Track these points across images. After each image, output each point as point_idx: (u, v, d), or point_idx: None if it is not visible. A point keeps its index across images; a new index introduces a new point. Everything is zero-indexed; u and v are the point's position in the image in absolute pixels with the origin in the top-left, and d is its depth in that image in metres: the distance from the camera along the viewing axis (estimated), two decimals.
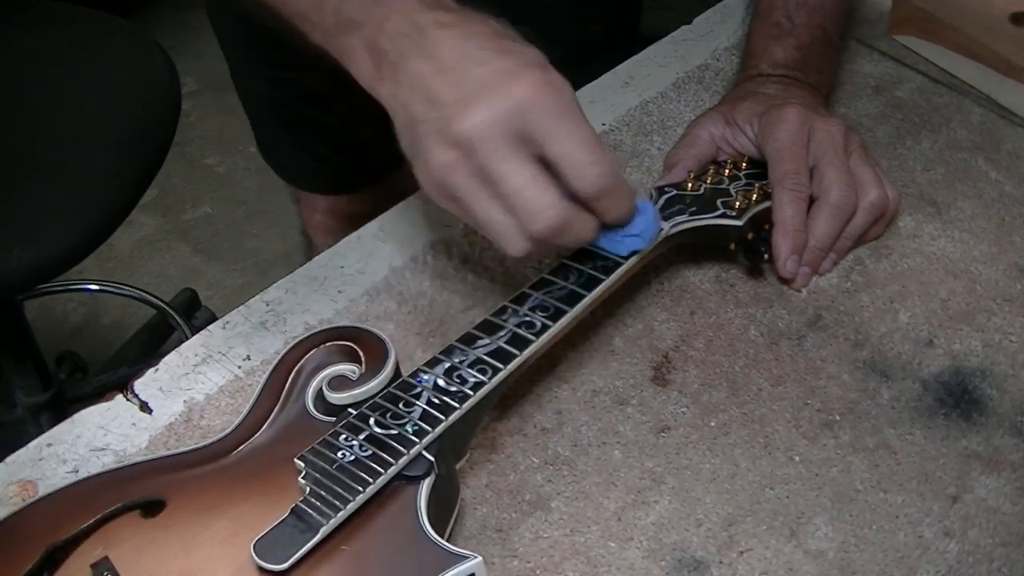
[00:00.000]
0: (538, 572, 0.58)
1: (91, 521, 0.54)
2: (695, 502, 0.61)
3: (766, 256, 0.73)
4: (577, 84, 0.91)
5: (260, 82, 1.12)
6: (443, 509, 0.57)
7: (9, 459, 0.64)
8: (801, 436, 0.65)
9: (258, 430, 0.60)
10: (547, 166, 0.58)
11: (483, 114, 0.56)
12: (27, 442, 0.65)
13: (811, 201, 0.74)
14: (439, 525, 0.55)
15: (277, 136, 1.18)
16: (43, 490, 0.62)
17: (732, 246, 0.74)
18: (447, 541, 0.54)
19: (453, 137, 0.57)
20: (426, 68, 0.58)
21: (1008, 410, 0.66)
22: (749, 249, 0.74)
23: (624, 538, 0.60)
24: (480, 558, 0.52)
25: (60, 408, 1.44)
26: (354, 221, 0.82)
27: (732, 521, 0.60)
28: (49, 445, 0.65)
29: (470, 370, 0.60)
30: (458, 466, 0.60)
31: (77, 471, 0.63)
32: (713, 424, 0.66)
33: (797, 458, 0.64)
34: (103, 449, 0.64)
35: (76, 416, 0.67)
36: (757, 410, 0.66)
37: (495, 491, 0.62)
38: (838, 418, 0.66)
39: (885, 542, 0.59)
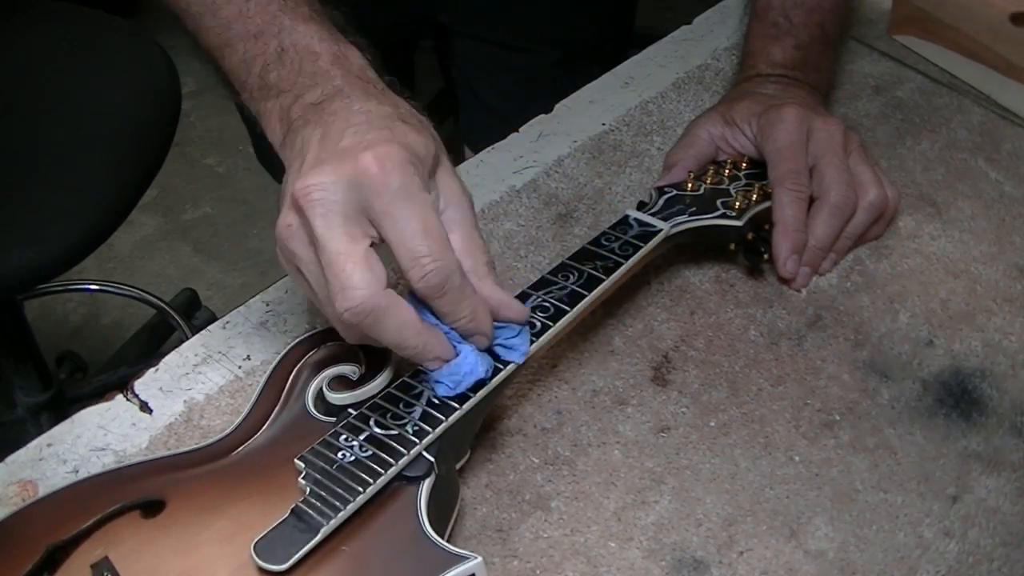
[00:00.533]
0: (538, 572, 0.58)
1: (91, 521, 0.54)
2: (695, 502, 0.61)
3: (766, 256, 0.73)
4: (573, 86, 0.91)
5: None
6: (443, 509, 0.57)
7: (9, 459, 0.64)
8: (801, 436, 0.65)
9: (258, 430, 0.60)
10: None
11: (322, 176, 0.54)
12: (27, 442, 0.65)
13: (811, 201, 0.74)
14: (439, 525, 0.55)
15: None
16: (43, 490, 0.62)
17: (732, 246, 0.74)
18: (447, 541, 0.54)
19: (293, 198, 0.55)
20: (312, 136, 0.57)
21: (1008, 410, 0.66)
22: (749, 249, 0.74)
23: (624, 538, 0.60)
24: (480, 558, 0.52)
25: (60, 408, 1.44)
26: None
27: (732, 521, 0.60)
28: (49, 445, 0.65)
29: None
30: (458, 466, 0.60)
31: (77, 471, 0.63)
32: (713, 424, 0.66)
33: (797, 458, 0.64)
34: (103, 449, 0.64)
35: (76, 416, 0.67)
36: (757, 410, 0.66)
37: (495, 491, 0.62)
38: (838, 418, 0.66)
39: (885, 542, 0.59)
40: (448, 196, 0.58)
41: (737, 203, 0.73)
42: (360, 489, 0.54)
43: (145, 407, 0.67)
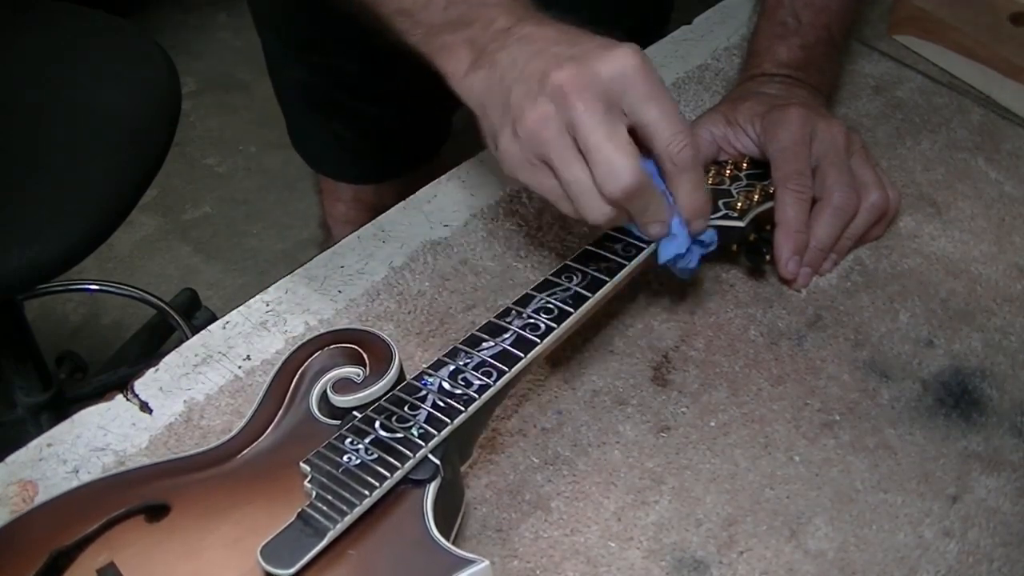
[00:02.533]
0: (538, 572, 0.58)
1: (96, 526, 0.54)
2: (695, 502, 0.61)
3: (768, 257, 0.73)
4: None
5: (296, 67, 1.13)
6: (449, 512, 0.57)
7: (9, 459, 0.64)
8: (801, 436, 0.65)
9: (262, 433, 0.59)
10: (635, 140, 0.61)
11: (582, 69, 0.59)
12: (27, 442, 0.65)
13: (812, 202, 0.74)
14: (445, 528, 0.55)
15: (309, 122, 1.19)
16: (43, 490, 0.62)
17: (734, 247, 0.74)
18: (452, 543, 0.54)
19: (550, 89, 0.59)
20: (525, 48, 0.62)
21: (1008, 410, 0.66)
22: (751, 250, 0.74)
23: (624, 538, 0.60)
24: (487, 562, 0.51)
25: (60, 408, 1.44)
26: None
27: (732, 521, 0.60)
28: (49, 445, 0.65)
29: (475, 373, 0.60)
30: (463, 468, 0.60)
31: (77, 471, 0.63)
32: (713, 424, 0.66)
33: (797, 458, 0.64)
34: (103, 449, 0.64)
35: (76, 416, 0.66)
36: (757, 410, 0.66)
37: (495, 491, 0.62)
38: (838, 418, 0.66)
39: (885, 542, 0.59)
40: None
41: (739, 204, 0.73)
42: (366, 493, 0.54)
43: (145, 407, 0.67)
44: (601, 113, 0.59)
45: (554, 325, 0.63)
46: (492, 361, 0.61)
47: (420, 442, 0.56)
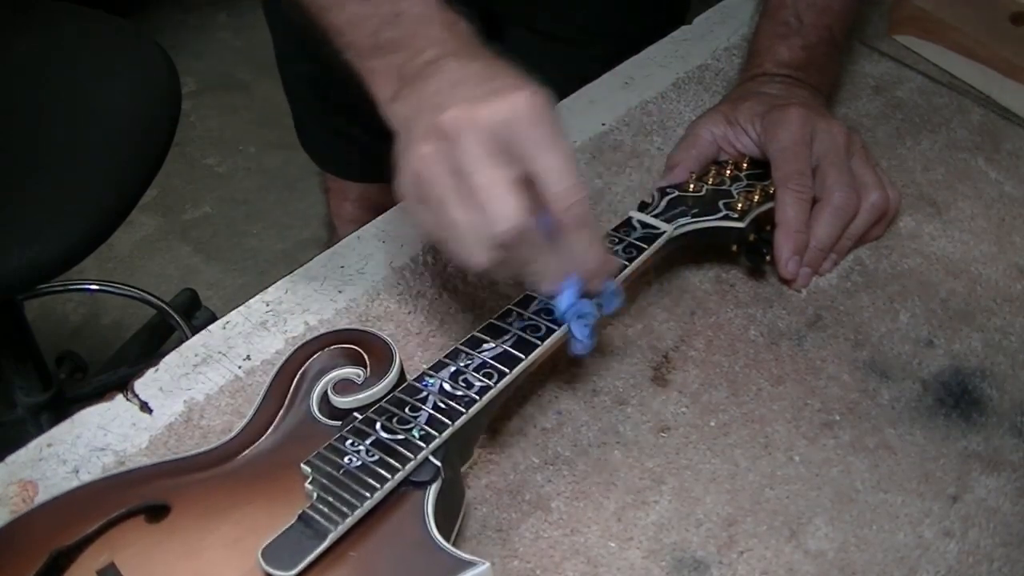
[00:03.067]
0: (538, 572, 0.58)
1: (96, 526, 0.54)
2: (695, 502, 0.61)
3: (768, 257, 0.73)
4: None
5: (305, 63, 1.12)
6: (449, 513, 0.57)
7: (9, 459, 0.64)
8: (801, 436, 0.65)
9: (263, 434, 0.59)
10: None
11: (473, 110, 0.57)
12: (27, 442, 0.65)
13: (812, 202, 0.74)
14: (445, 529, 0.55)
15: (317, 119, 1.19)
16: (43, 490, 0.62)
17: (734, 247, 0.74)
18: (453, 544, 0.54)
19: (438, 127, 0.58)
20: (442, 84, 0.60)
21: (1008, 410, 0.66)
22: (751, 250, 0.74)
23: (624, 538, 0.60)
24: (488, 564, 0.51)
25: (60, 408, 1.44)
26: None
27: (732, 521, 0.60)
28: (49, 445, 0.65)
29: (476, 374, 0.60)
30: (463, 469, 0.60)
31: (77, 471, 0.63)
32: (713, 424, 0.66)
33: (797, 458, 0.64)
34: (103, 449, 0.64)
35: (76, 416, 0.66)
36: (757, 410, 0.66)
37: (495, 491, 0.62)
38: (838, 418, 0.66)
39: (885, 542, 0.59)
40: None
41: (739, 204, 0.73)
42: (367, 494, 0.54)
43: (145, 407, 0.67)
44: (487, 155, 0.57)
45: (554, 327, 0.63)
46: (493, 362, 0.61)
47: (421, 444, 0.56)
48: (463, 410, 0.58)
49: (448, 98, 0.59)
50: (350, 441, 0.56)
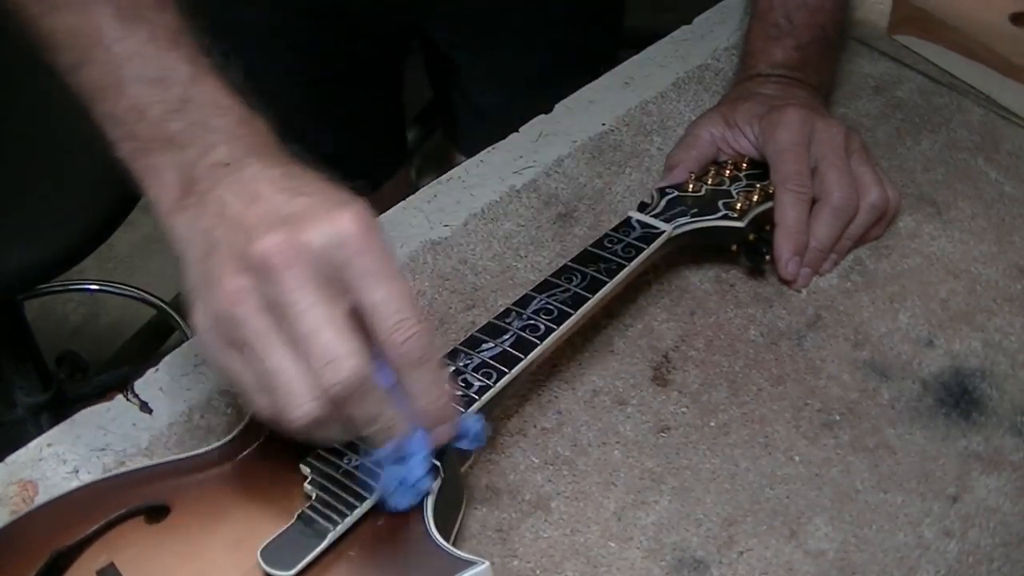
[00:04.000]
0: (538, 572, 0.58)
1: (96, 527, 0.54)
2: (695, 502, 0.61)
3: (768, 257, 0.73)
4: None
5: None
6: (449, 513, 0.57)
7: (9, 459, 0.64)
8: (801, 436, 0.65)
9: (262, 434, 0.59)
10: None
11: (292, 236, 0.49)
12: (27, 442, 0.65)
13: (812, 202, 0.74)
14: (445, 529, 0.54)
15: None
16: (43, 490, 0.62)
17: (734, 247, 0.74)
18: (452, 544, 0.54)
19: (249, 256, 0.49)
20: (238, 197, 0.52)
21: (1008, 410, 0.66)
22: (751, 250, 0.74)
23: (624, 538, 0.60)
24: (488, 563, 0.51)
25: (60, 408, 1.44)
26: None
27: (732, 521, 0.60)
28: (49, 445, 0.65)
29: (475, 374, 0.60)
30: (463, 469, 0.60)
31: (77, 471, 0.63)
32: (713, 424, 0.66)
33: (797, 458, 0.64)
34: (103, 449, 0.64)
35: (76, 416, 0.66)
36: (757, 410, 0.66)
37: (495, 491, 0.62)
38: (838, 418, 0.66)
39: (885, 542, 0.59)
40: None
41: (739, 204, 0.73)
42: (366, 494, 0.54)
43: (145, 407, 0.67)
44: (314, 291, 0.49)
45: (554, 326, 0.63)
46: (492, 362, 0.61)
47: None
48: (462, 410, 0.58)
49: (253, 216, 0.50)
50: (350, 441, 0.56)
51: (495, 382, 0.59)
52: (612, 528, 0.60)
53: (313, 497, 0.54)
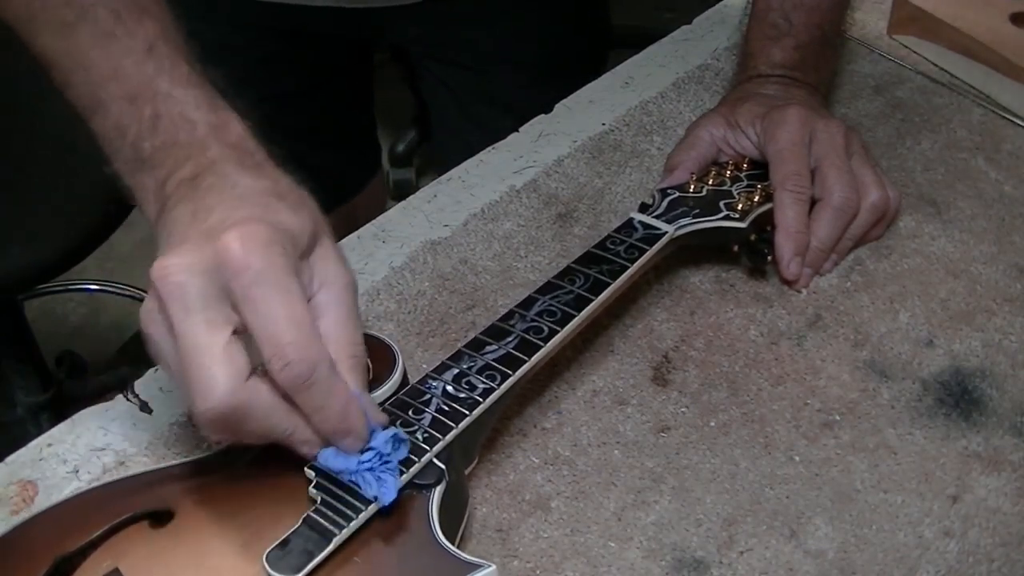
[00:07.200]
0: (538, 572, 0.58)
1: (99, 532, 0.53)
2: (695, 502, 0.61)
3: (769, 258, 0.73)
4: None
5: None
6: (454, 516, 0.57)
7: (9, 459, 0.64)
8: (801, 436, 0.65)
9: None
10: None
11: (179, 258, 0.50)
12: (27, 442, 0.65)
13: (812, 202, 0.74)
14: (450, 532, 0.54)
15: None
16: (43, 490, 0.62)
17: (735, 248, 0.74)
18: (457, 546, 0.54)
19: (151, 281, 0.50)
20: (183, 215, 0.53)
21: (1008, 410, 0.66)
22: (752, 251, 0.74)
23: (624, 538, 0.60)
24: (494, 567, 0.51)
25: (60, 408, 1.44)
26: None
27: (732, 521, 0.60)
28: (49, 445, 0.65)
29: (479, 376, 0.60)
30: (467, 471, 0.60)
31: (77, 471, 0.63)
32: (713, 424, 0.66)
33: (797, 458, 0.64)
34: (103, 449, 0.64)
35: (76, 416, 0.66)
36: (757, 410, 0.66)
37: (495, 491, 0.62)
38: (838, 418, 0.66)
39: (885, 542, 0.59)
40: (323, 278, 0.54)
41: (740, 205, 0.73)
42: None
43: (145, 407, 0.67)
44: (197, 313, 0.49)
45: (557, 328, 0.63)
46: (496, 364, 0.61)
47: (425, 447, 0.56)
48: (466, 412, 0.58)
49: (183, 235, 0.52)
50: None
51: (499, 384, 0.59)
52: (612, 528, 0.60)
53: (318, 501, 0.54)
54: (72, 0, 0.57)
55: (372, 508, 0.53)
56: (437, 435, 0.56)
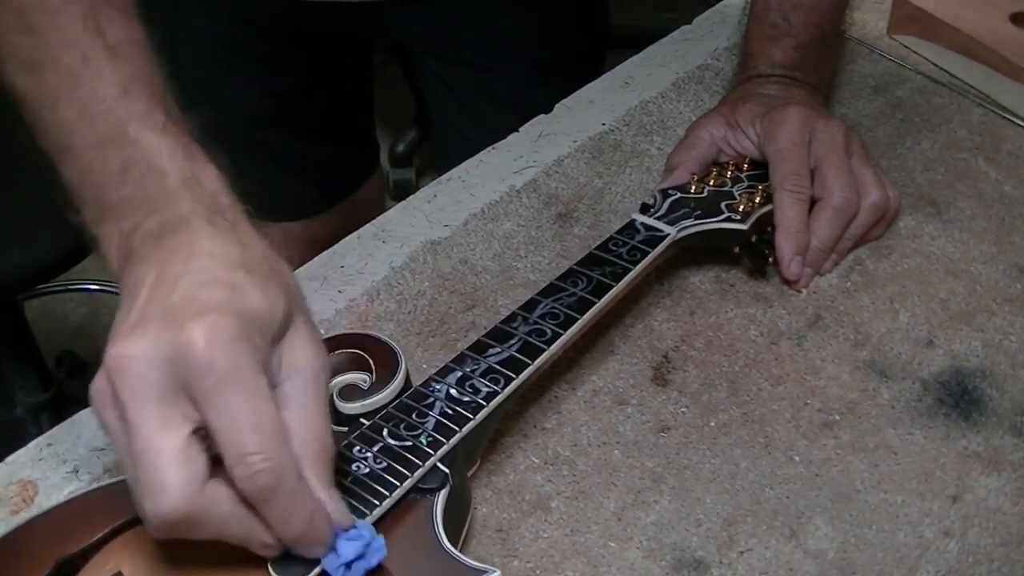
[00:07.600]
0: (538, 572, 0.58)
1: (102, 533, 0.53)
2: (695, 502, 0.61)
3: (771, 259, 0.73)
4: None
5: (203, 108, 1.10)
6: (457, 519, 0.56)
7: (9, 459, 0.64)
8: (801, 436, 0.65)
9: None
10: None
11: (138, 346, 0.46)
12: (27, 442, 0.65)
13: (812, 202, 0.74)
14: (453, 535, 0.54)
15: (226, 165, 1.15)
16: (43, 490, 0.62)
17: (736, 249, 0.74)
18: (459, 549, 0.53)
19: (106, 364, 0.47)
20: (145, 278, 0.49)
21: (1008, 410, 0.66)
22: (753, 252, 0.74)
23: (624, 538, 0.60)
24: (498, 572, 0.51)
25: (60, 408, 1.44)
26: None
27: (732, 521, 0.60)
28: (49, 445, 0.65)
29: (482, 379, 0.60)
30: (469, 474, 0.60)
31: (77, 471, 0.63)
32: (713, 424, 0.66)
33: (797, 458, 0.64)
34: (103, 449, 0.64)
35: (76, 416, 0.66)
36: (757, 410, 0.66)
37: (495, 491, 0.62)
38: (838, 418, 0.66)
39: (885, 542, 0.59)
40: (292, 364, 0.50)
41: (741, 206, 0.73)
42: (376, 502, 0.53)
43: None
44: (153, 406, 0.45)
45: (561, 331, 0.63)
46: (499, 368, 0.60)
47: (429, 450, 0.56)
48: (470, 416, 0.58)
49: (134, 311, 0.47)
50: (358, 448, 0.56)
51: (503, 387, 0.59)
52: (612, 528, 0.60)
53: None
54: (39, 43, 0.54)
55: (378, 512, 0.53)
56: (441, 439, 0.56)
